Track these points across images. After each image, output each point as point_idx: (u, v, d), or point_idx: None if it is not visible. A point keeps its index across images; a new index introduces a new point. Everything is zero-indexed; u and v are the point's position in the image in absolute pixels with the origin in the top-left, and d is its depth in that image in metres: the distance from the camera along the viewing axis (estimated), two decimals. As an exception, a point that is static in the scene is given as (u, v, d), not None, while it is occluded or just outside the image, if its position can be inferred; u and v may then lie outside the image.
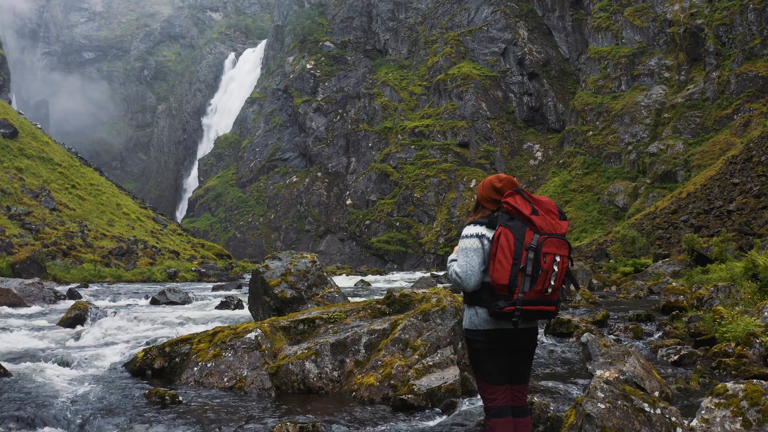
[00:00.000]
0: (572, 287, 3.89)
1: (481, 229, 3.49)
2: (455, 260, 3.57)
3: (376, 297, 11.55)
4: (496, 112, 74.32)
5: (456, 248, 3.65)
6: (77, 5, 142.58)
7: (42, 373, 5.91)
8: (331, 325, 5.94)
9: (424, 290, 6.26)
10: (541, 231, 3.33)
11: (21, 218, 33.02)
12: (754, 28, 51.88)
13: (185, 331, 8.55)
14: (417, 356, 5.18)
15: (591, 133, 61.47)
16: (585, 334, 5.93)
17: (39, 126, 54.38)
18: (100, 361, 6.65)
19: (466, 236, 3.51)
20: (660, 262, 24.52)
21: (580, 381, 5.66)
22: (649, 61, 60.59)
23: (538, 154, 71.17)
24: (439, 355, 5.16)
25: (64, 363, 6.52)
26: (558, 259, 3.32)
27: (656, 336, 8.25)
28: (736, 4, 53.44)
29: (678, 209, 36.54)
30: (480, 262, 3.41)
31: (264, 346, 5.56)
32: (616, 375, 4.88)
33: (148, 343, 7.34)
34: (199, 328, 8.21)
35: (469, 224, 3.60)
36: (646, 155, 54.32)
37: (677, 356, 6.50)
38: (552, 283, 3.29)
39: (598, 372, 4.97)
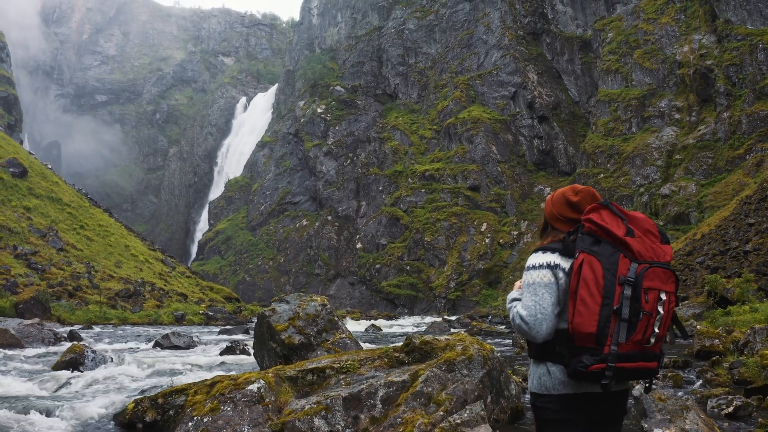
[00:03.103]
0: (677, 334, 2.82)
1: (553, 258, 2.68)
2: (518, 299, 2.78)
3: (392, 344, 10.86)
4: (507, 156, 74.09)
5: (517, 284, 2.88)
6: (91, 48, 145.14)
7: (21, 423, 5.32)
8: (344, 376, 5.30)
9: (446, 336, 5.61)
10: (639, 258, 2.51)
11: (27, 258, 32.61)
12: (764, 67, 51.73)
13: (184, 378, 7.94)
14: (442, 413, 4.54)
15: (602, 175, 60.98)
16: (637, 387, 5.28)
17: (49, 166, 54.49)
18: (88, 411, 6.05)
19: (534, 267, 2.70)
20: (680, 305, 23.73)
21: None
22: (660, 102, 60.40)
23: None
24: (467, 411, 4.51)
25: (48, 412, 5.94)
26: (663, 297, 2.50)
27: (697, 384, 7.60)
28: (746, 44, 53.39)
29: (693, 251, 35.71)
30: (554, 302, 2.61)
31: (267, 400, 4.93)
32: (674, 435, 4.23)
33: (141, 392, 6.73)
34: (200, 376, 7.60)
35: (536, 251, 2.79)
36: (659, 197, 53.66)
37: (731, 408, 5.85)
38: (655, 330, 2.49)
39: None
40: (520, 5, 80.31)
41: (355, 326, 29.38)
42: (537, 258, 2.73)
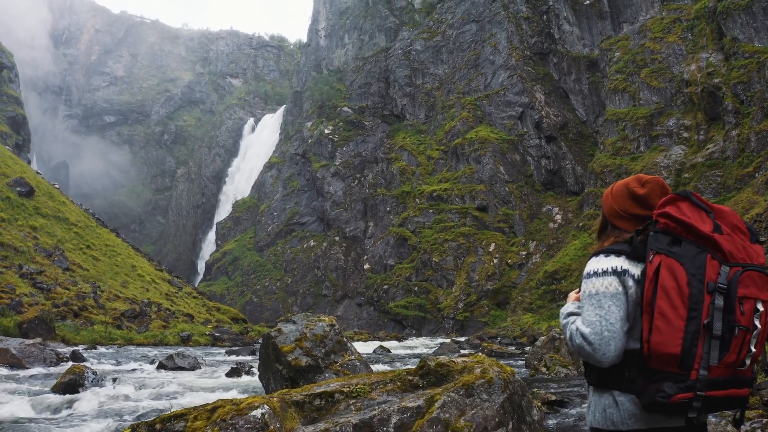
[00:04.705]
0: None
1: (620, 262, 2.20)
2: (575, 314, 2.32)
3: (403, 366, 10.50)
4: (515, 176, 73.80)
5: (572, 294, 2.43)
6: (99, 69, 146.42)
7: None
8: (354, 401, 4.95)
9: (463, 358, 5.26)
10: (731, 260, 2.06)
11: (33, 277, 32.41)
12: (773, 85, 51.51)
13: (186, 401, 7.60)
14: (460, 441, 4.19)
15: (611, 195, 60.56)
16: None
17: (57, 186, 54.53)
18: (83, 438, 5.73)
19: (597, 274, 2.22)
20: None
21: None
22: (668, 121, 60.12)
23: (558, 217, 70.15)
24: (488, 440, 4.17)
25: (42, 439, 5.61)
26: (760, 307, 2.03)
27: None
28: (753, 62, 53.15)
29: (707, 272, 35.22)
30: (623, 317, 2.14)
31: (272, 426, 4.59)
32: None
33: (139, 417, 6.40)
34: (203, 399, 7.27)
35: (597, 255, 2.31)
36: (669, 217, 53.14)
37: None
38: (751, 348, 2.03)
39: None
40: (526, 26, 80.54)
41: (363, 348, 28.96)
42: (599, 263, 2.26)
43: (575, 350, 2.25)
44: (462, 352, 24.11)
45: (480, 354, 5.44)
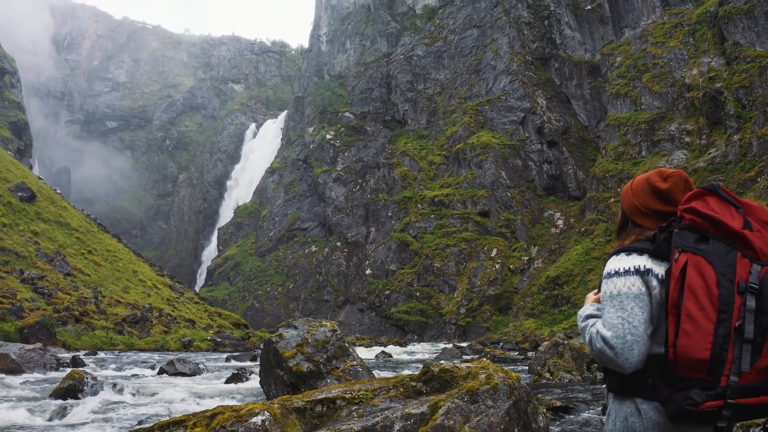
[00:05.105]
0: None
1: (642, 261, 2.09)
2: (594, 316, 2.17)
3: (405, 372, 10.40)
4: (516, 181, 73.69)
5: (590, 296, 2.28)
6: (101, 75, 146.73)
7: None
8: (356, 407, 4.85)
9: (467, 364, 5.16)
10: (762, 258, 1.93)
11: (34, 282, 32.34)
12: (775, 90, 51.46)
13: (185, 407, 7.51)
14: (465, 449, 4.10)
15: (613, 200, 60.46)
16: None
17: (58, 191, 54.51)
18: (81, 446, 5.64)
19: (618, 273, 2.10)
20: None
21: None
22: (669, 126, 60.03)
23: (560, 222, 70.01)
24: (494, 447, 4.07)
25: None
26: None
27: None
28: (755, 66, 53.08)
29: (710, 277, 35.08)
30: (646, 319, 2.02)
31: (273, 433, 4.50)
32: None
33: (138, 423, 6.31)
34: (202, 405, 7.18)
35: (617, 253, 2.20)
36: (672, 222, 53.03)
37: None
38: None
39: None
40: (528, 31, 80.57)
41: (365, 353, 28.84)
42: (621, 261, 2.13)
43: (595, 355, 2.11)
44: (464, 357, 24.00)
45: (485, 359, 5.34)
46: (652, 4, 67.66)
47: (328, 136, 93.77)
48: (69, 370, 14.60)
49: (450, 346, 35.43)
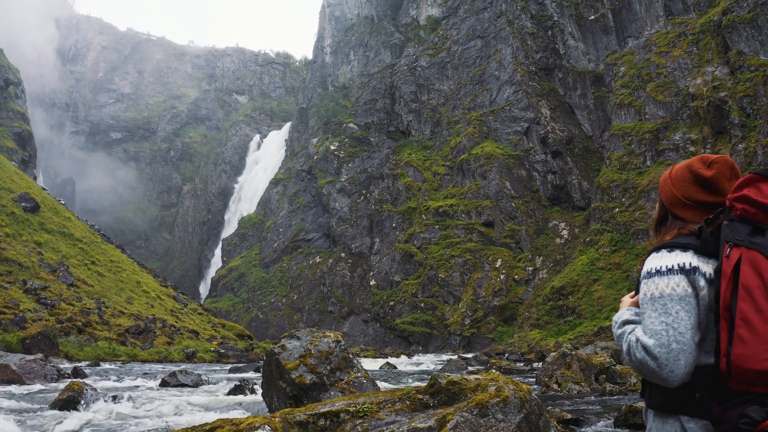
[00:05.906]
0: None
1: (687, 258, 1.82)
2: (633, 322, 1.90)
3: (411, 383, 10.19)
4: (521, 191, 73.52)
5: (626, 299, 2.02)
6: (106, 86, 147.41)
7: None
8: (360, 421, 4.67)
9: (476, 376, 4.97)
10: None
11: (37, 293, 32.20)
12: (780, 98, 51.30)
13: (185, 420, 7.34)
14: (475, 465, 3.91)
15: (617, 209, 60.22)
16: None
17: (62, 202, 54.51)
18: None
19: (660, 272, 1.82)
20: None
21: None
22: (674, 135, 59.85)
23: (564, 232, 69.75)
24: (505, 464, 3.88)
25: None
26: None
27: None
28: (759, 75, 52.94)
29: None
30: (693, 324, 1.75)
31: (274, 448, 4.32)
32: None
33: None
34: (203, 418, 7.01)
35: (658, 250, 1.92)
36: (678, 232, 52.73)
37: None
38: None
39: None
40: (531, 41, 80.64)
41: (369, 364, 28.59)
42: (663, 259, 1.85)
43: (634, 366, 1.84)
44: (470, 368, 23.75)
45: (494, 371, 5.16)
46: (655, 13, 67.65)
47: (332, 147, 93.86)
48: (69, 381, 14.45)
49: (455, 357, 35.17)
